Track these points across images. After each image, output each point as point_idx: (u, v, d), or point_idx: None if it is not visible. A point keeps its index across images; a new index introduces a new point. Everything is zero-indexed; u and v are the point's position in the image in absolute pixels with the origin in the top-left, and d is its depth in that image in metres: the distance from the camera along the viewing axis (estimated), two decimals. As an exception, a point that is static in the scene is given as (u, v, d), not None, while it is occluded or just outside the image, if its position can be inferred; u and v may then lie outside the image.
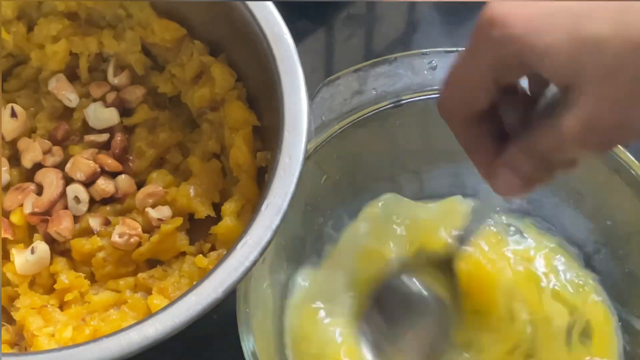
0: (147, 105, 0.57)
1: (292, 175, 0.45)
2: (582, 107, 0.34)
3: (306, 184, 0.47)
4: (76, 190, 0.53)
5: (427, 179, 0.58)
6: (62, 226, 0.52)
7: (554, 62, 0.34)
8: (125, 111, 0.57)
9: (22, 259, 0.50)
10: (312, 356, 0.52)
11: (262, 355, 0.47)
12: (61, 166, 0.55)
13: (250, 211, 0.50)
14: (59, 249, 0.53)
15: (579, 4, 0.33)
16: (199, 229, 0.53)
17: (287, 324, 0.53)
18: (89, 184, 0.54)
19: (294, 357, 0.52)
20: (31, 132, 0.57)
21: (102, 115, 0.56)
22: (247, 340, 0.46)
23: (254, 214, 0.44)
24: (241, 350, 0.46)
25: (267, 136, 0.53)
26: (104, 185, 0.54)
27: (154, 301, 0.48)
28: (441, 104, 0.41)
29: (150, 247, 0.51)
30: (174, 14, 0.56)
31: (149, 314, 0.44)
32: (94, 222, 0.53)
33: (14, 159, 0.56)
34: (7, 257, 0.51)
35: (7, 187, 0.54)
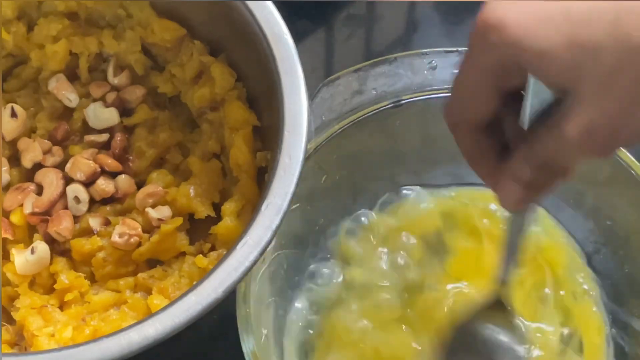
0: (147, 105, 0.57)
1: (292, 175, 0.45)
2: (583, 111, 0.34)
3: (306, 184, 0.47)
4: (76, 190, 0.53)
5: (427, 179, 0.58)
6: (62, 226, 0.52)
7: (552, 67, 0.33)
8: (125, 111, 0.57)
9: (22, 259, 0.50)
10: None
11: (262, 355, 0.47)
12: (61, 166, 0.55)
13: (250, 211, 0.50)
14: (59, 249, 0.53)
15: (576, 8, 0.33)
16: (199, 229, 0.53)
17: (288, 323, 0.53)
18: (89, 184, 0.54)
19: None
20: (31, 132, 0.57)
21: (102, 115, 0.56)
22: (247, 340, 0.46)
23: (254, 214, 0.44)
24: (241, 350, 0.46)
25: (267, 136, 0.52)
26: (104, 185, 0.54)
27: (154, 301, 0.48)
28: (447, 113, 0.41)
29: (150, 247, 0.51)
30: (174, 14, 0.56)
31: (149, 314, 0.44)
32: (94, 222, 0.53)
33: (14, 159, 0.56)
34: (7, 257, 0.51)
35: (7, 187, 0.54)
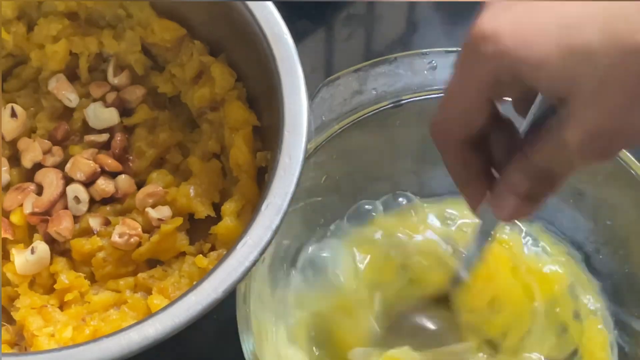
0: (147, 105, 0.57)
1: (292, 175, 0.45)
2: (582, 117, 0.34)
3: (306, 184, 0.47)
4: (76, 190, 0.53)
5: (427, 179, 0.58)
6: (62, 226, 0.52)
7: (547, 75, 0.33)
8: (125, 111, 0.57)
9: (22, 259, 0.50)
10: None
11: (262, 355, 0.47)
12: (61, 166, 0.55)
13: (250, 211, 0.50)
14: (59, 249, 0.53)
15: (567, 14, 0.33)
16: (199, 229, 0.53)
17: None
18: (89, 184, 0.54)
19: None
20: (31, 132, 0.57)
21: (102, 115, 0.56)
22: (247, 340, 0.46)
23: (254, 214, 0.44)
24: (241, 350, 0.46)
25: (267, 136, 0.52)
26: (104, 185, 0.54)
27: (154, 301, 0.48)
28: (436, 130, 0.40)
29: (150, 247, 0.51)
30: (174, 14, 0.56)
31: (149, 314, 0.44)
32: (94, 222, 0.53)
33: (14, 159, 0.56)
34: (7, 257, 0.51)
35: (7, 187, 0.54)
